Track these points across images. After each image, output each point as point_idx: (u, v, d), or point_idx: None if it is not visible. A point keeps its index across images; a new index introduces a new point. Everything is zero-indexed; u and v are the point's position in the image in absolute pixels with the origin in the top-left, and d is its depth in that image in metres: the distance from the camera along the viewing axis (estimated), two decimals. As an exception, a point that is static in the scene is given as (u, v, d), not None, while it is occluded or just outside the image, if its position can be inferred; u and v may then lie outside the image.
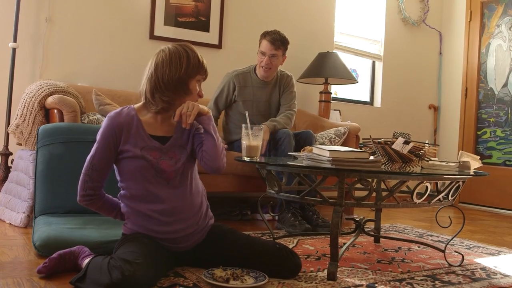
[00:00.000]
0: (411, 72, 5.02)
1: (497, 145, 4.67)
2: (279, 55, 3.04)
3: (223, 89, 3.12)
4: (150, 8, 3.56)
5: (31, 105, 2.69)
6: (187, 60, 1.68)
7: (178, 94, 1.69)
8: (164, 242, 1.71)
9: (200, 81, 1.75)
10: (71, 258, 1.70)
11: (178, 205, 1.70)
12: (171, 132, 1.76)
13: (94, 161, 1.67)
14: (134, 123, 1.69)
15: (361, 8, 4.74)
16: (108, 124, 1.67)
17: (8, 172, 2.91)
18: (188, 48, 1.72)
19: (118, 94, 3.18)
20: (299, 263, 1.79)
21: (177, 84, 1.67)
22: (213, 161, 1.72)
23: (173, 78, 1.66)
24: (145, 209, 1.68)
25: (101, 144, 1.67)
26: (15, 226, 2.48)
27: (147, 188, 1.67)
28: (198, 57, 1.72)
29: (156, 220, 1.68)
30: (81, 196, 1.70)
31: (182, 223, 1.71)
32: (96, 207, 1.75)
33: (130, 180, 1.69)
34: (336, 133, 3.53)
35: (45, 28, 3.21)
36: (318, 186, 1.93)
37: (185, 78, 1.68)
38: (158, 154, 1.69)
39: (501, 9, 4.70)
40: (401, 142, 2.00)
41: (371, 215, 2.73)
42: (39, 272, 1.63)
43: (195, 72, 1.70)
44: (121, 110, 1.71)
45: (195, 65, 1.70)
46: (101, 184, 1.71)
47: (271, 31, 3.04)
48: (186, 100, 1.70)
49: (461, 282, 1.86)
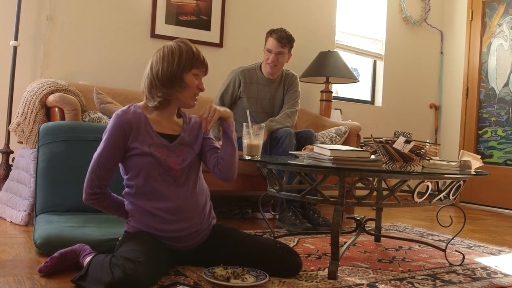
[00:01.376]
0: (412, 71, 5.02)
1: (498, 145, 4.67)
2: (285, 53, 3.05)
3: (228, 85, 3.13)
4: (151, 6, 3.56)
5: (32, 104, 2.69)
6: (179, 54, 1.69)
7: (173, 89, 1.70)
8: (167, 240, 1.71)
9: (199, 75, 1.74)
10: (72, 256, 1.70)
11: (183, 204, 1.70)
12: (179, 131, 1.77)
13: (101, 159, 1.66)
14: (142, 120, 1.70)
15: (362, 7, 4.74)
16: (116, 122, 1.67)
17: (9, 170, 2.92)
18: (182, 43, 1.72)
19: (119, 93, 3.18)
20: (300, 262, 1.79)
21: (171, 79, 1.69)
22: (228, 171, 1.76)
23: (166, 74, 1.68)
24: (149, 207, 1.68)
25: (109, 141, 1.66)
26: (16, 224, 2.48)
27: (153, 186, 1.68)
28: (193, 51, 1.71)
29: (160, 218, 1.68)
30: (88, 194, 1.69)
31: (186, 222, 1.71)
32: (102, 206, 1.75)
33: (136, 178, 1.69)
34: (337, 132, 3.53)
35: (46, 26, 3.21)
36: (319, 185, 1.93)
37: (178, 73, 1.69)
38: (166, 151, 1.70)
39: (502, 9, 4.69)
40: (402, 141, 2.00)
41: (372, 214, 2.73)
42: (40, 271, 1.64)
43: (188, 65, 1.70)
44: (128, 108, 1.71)
45: (189, 59, 1.70)
46: (108, 182, 1.71)
47: (277, 29, 3.05)
48: (184, 94, 1.71)
49: (462, 282, 1.86)
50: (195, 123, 1.83)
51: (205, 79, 1.81)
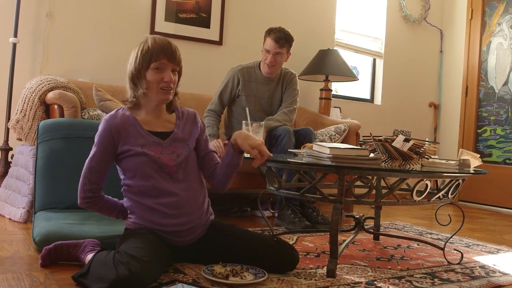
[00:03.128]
0: (411, 69, 5.02)
1: (497, 144, 4.67)
2: (283, 53, 3.03)
3: (227, 84, 3.12)
4: (151, 4, 3.56)
5: (32, 101, 2.68)
6: (137, 55, 1.68)
7: (140, 89, 1.69)
8: (168, 235, 1.71)
9: (160, 67, 1.67)
10: (69, 250, 1.72)
11: (183, 198, 1.70)
12: (171, 127, 1.77)
13: (92, 164, 1.68)
14: (131, 122, 1.70)
15: (362, 5, 4.73)
16: (104, 127, 1.68)
17: (8, 167, 2.91)
18: (143, 40, 1.70)
19: (119, 90, 3.17)
20: (297, 256, 1.81)
21: (135, 81, 1.69)
22: (223, 185, 1.84)
23: (131, 77, 1.69)
24: (150, 202, 1.68)
25: (98, 147, 1.69)
26: (15, 221, 2.48)
27: (152, 183, 1.68)
28: (148, 45, 1.66)
29: (161, 213, 1.68)
30: (82, 198, 1.71)
31: (186, 217, 1.71)
32: (97, 209, 1.77)
33: (134, 177, 1.69)
34: (336, 130, 3.53)
35: (46, 23, 3.21)
36: (318, 183, 1.93)
37: (140, 73, 1.68)
38: (159, 149, 1.70)
39: (502, 7, 4.69)
40: (401, 140, 2.00)
41: (371, 212, 2.73)
42: (43, 265, 1.67)
43: (146, 62, 1.66)
44: (116, 112, 1.72)
45: (144, 56, 1.66)
46: (100, 186, 1.72)
47: (275, 29, 3.01)
48: (152, 91, 1.69)
49: (460, 280, 1.87)
50: (188, 116, 1.83)
51: (204, 76, 1.80)
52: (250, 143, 1.71)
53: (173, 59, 1.69)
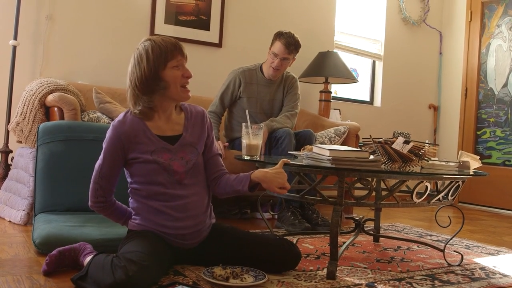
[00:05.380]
0: (411, 71, 5.02)
1: (496, 145, 4.68)
2: (290, 59, 3.04)
3: (228, 85, 3.12)
4: (151, 6, 3.56)
5: (32, 103, 2.69)
6: (147, 56, 1.62)
7: (157, 92, 1.65)
8: (172, 238, 1.70)
9: (178, 65, 1.65)
10: (71, 254, 1.70)
11: (190, 202, 1.70)
12: (180, 130, 1.75)
13: (102, 170, 1.67)
14: (140, 128, 1.67)
15: (361, 7, 4.74)
16: (113, 134, 1.66)
17: (8, 169, 2.92)
18: (148, 41, 1.65)
19: (118, 92, 3.18)
20: (299, 252, 1.82)
21: (149, 85, 1.63)
22: (222, 196, 1.82)
23: (143, 81, 1.62)
24: (158, 205, 1.68)
25: (107, 154, 1.67)
26: (15, 223, 2.48)
27: (160, 189, 1.67)
28: (159, 45, 1.63)
29: (169, 216, 1.67)
30: (93, 202, 1.71)
31: (192, 220, 1.71)
32: (107, 213, 1.77)
33: (142, 182, 1.69)
34: (336, 132, 3.53)
35: (46, 26, 3.21)
36: (318, 185, 1.93)
37: (154, 74, 1.62)
38: (169, 155, 1.68)
39: (501, 9, 4.70)
40: (401, 142, 2.00)
41: (371, 214, 2.73)
42: (44, 271, 1.63)
43: (162, 62, 1.62)
44: (124, 117, 1.68)
45: (158, 56, 1.62)
46: (112, 190, 1.72)
47: (286, 33, 2.99)
48: (171, 91, 1.65)
49: (460, 282, 1.87)
50: (197, 116, 1.80)
51: (204, 79, 1.80)
52: (277, 185, 1.70)
53: (184, 54, 1.68)
